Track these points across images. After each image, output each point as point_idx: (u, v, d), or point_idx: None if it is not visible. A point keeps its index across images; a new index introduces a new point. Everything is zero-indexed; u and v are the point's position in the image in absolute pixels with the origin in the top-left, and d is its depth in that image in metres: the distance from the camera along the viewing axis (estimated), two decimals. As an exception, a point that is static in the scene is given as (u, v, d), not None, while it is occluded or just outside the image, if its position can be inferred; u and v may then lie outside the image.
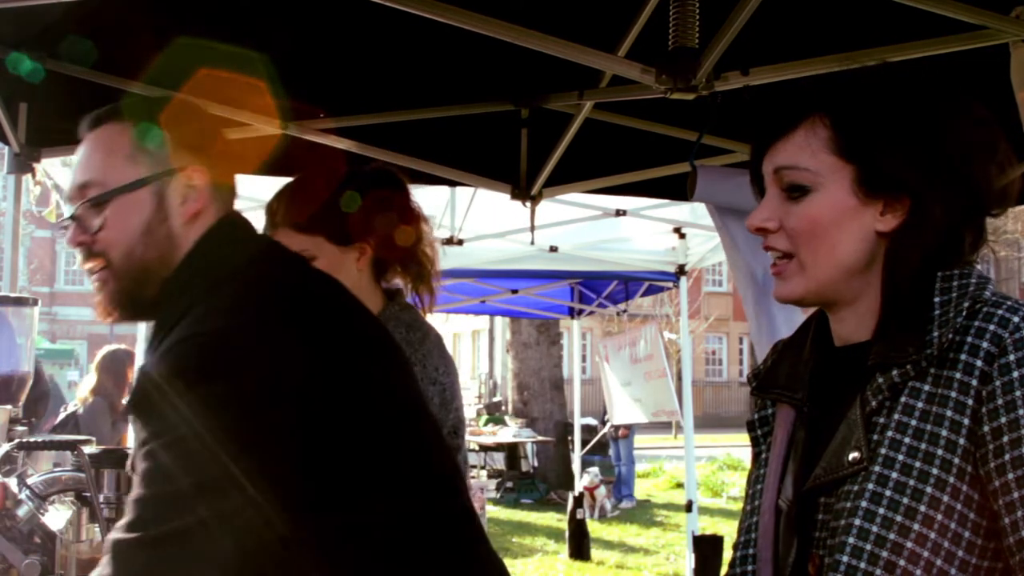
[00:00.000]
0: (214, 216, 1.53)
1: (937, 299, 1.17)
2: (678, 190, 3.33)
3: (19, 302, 2.50)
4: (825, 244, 1.22)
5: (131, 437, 7.28)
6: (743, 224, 3.09)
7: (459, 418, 2.18)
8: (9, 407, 2.28)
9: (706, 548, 5.03)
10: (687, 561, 7.11)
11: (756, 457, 1.38)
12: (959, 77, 1.28)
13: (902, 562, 1.10)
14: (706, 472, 14.43)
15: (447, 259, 6.59)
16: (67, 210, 1.55)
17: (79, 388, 7.76)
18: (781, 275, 1.26)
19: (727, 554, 2.84)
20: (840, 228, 1.21)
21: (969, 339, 1.13)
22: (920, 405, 1.15)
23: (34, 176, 3.50)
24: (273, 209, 2.20)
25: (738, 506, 12.26)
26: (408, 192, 2.26)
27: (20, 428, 2.29)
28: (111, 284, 1.50)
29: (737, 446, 19.02)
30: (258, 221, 2.28)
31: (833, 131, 1.22)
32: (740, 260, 3.15)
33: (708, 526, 9.28)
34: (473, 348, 33.09)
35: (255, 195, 2.67)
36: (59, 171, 4.29)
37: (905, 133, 1.20)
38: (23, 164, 3.38)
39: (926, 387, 1.15)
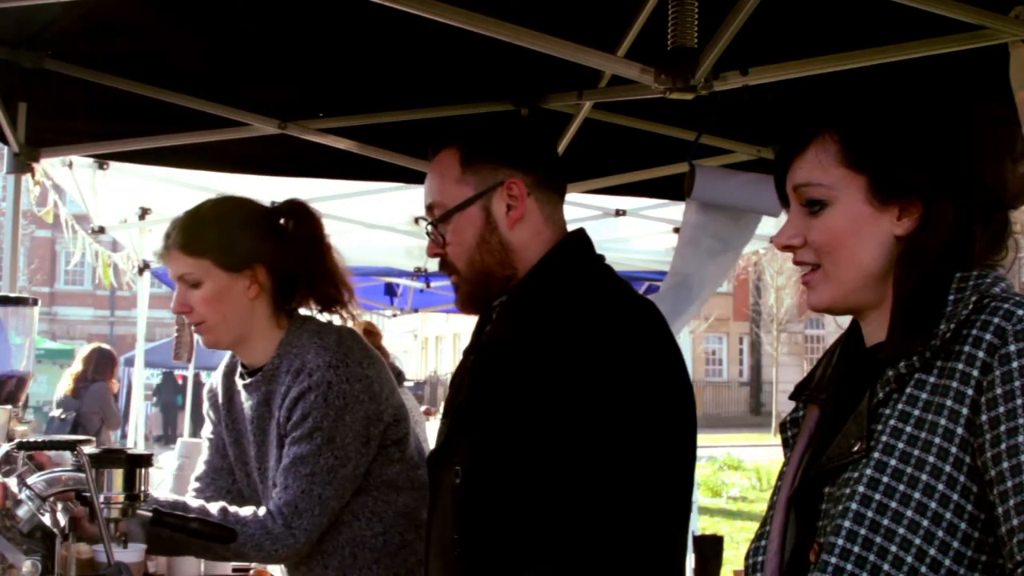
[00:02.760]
0: (539, 216, 1.76)
1: (951, 297, 1.19)
2: (678, 190, 3.33)
3: (19, 302, 2.50)
4: (846, 253, 1.26)
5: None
6: (722, 230, 3.11)
7: (396, 406, 2.20)
8: (9, 407, 2.28)
9: (706, 548, 5.02)
10: (687, 561, 7.10)
11: (786, 458, 1.40)
12: (964, 76, 1.30)
13: (894, 548, 1.12)
14: (706, 472, 14.43)
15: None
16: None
17: (61, 382, 7.78)
18: (809, 285, 1.31)
19: (727, 554, 2.85)
20: (859, 237, 1.26)
21: (974, 331, 1.15)
22: (924, 396, 1.17)
23: (33, 176, 3.50)
24: (168, 233, 2.22)
25: (738, 506, 12.24)
26: (315, 224, 2.26)
27: (20, 428, 2.29)
28: (463, 288, 1.79)
29: (737, 446, 19.01)
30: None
31: (841, 145, 1.26)
32: (687, 263, 3.16)
33: (708, 526, 9.28)
34: (473, 348, 33.01)
35: (254, 195, 2.66)
36: (59, 171, 4.29)
37: (910, 138, 1.23)
38: (23, 164, 3.39)
39: (931, 378, 1.17)
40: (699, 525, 6.55)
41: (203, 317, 2.18)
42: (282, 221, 2.26)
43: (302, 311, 2.28)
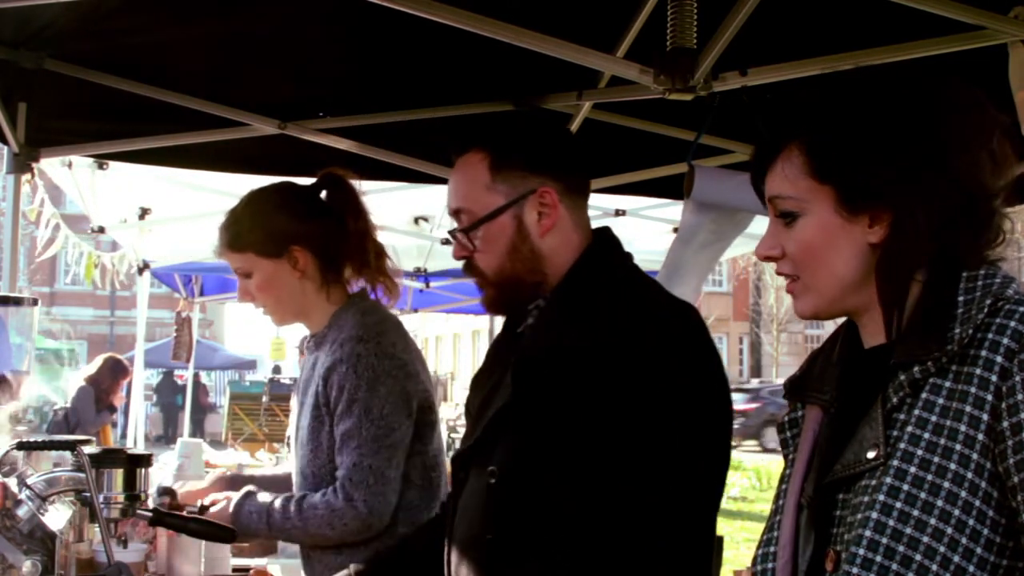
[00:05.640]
0: (568, 222, 1.74)
1: (961, 298, 1.18)
2: (677, 190, 3.34)
3: (19, 302, 2.49)
4: (821, 264, 1.26)
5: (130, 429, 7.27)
6: (717, 226, 3.11)
7: (430, 398, 2.30)
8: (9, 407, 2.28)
9: (706, 548, 5.02)
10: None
11: (786, 459, 1.39)
12: (930, 73, 1.28)
13: (918, 556, 1.11)
14: (706, 472, 14.40)
15: (447, 259, 6.57)
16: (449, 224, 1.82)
17: (76, 376, 7.99)
18: (793, 294, 1.31)
19: (727, 554, 2.85)
20: (832, 247, 1.25)
21: (990, 336, 1.14)
22: (941, 401, 1.15)
23: (33, 176, 3.50)
24: (221, 230, 2.35)
25: (738, 506, 12.25)
26: (348, 191, 2.37)
27: (20, 428, 2.30)
28: (490, 292, 1.77)
29: (737, 446, 19.00)
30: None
31: (806, 157, 1.25)
32: (677, 257, 3.16)
33: (708, 526, 9.26)
34: (473, 348, 33.08)
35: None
36: (58, 171, 4.29)
37: (872, 146, 1.21)
38: (23, 164, 3.39)
39: (947, 383, 1.15)
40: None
41: (262, 303, 2.35)
42: (323, 195, 2.38)
43: (357, 288, 2.40)
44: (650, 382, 1.56)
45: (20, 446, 1.91)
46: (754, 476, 14.07)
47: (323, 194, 2.37)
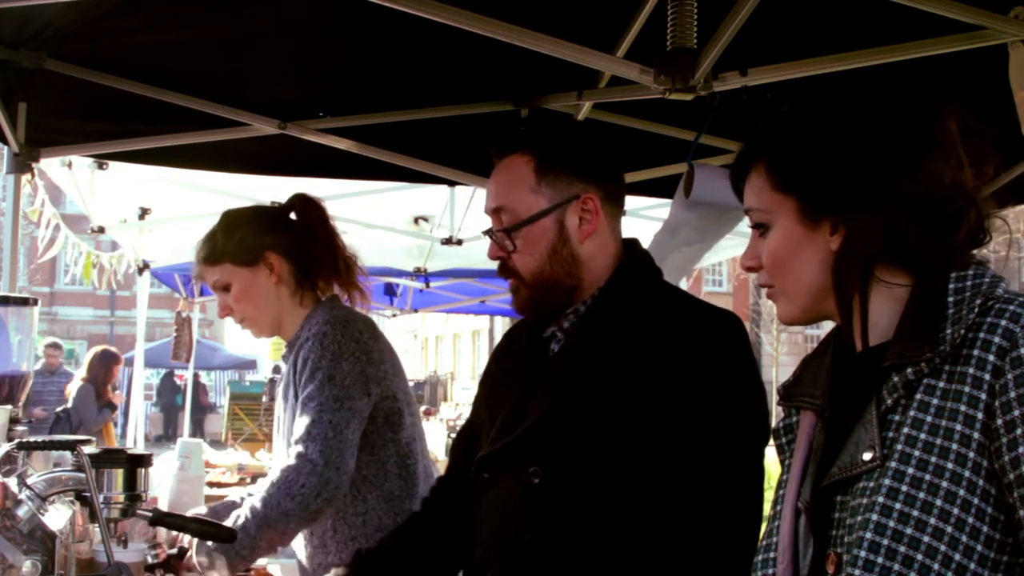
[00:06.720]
0: (607, 229, 1.78)
1: (951, 299, 1.19)
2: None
3: (19, 302, 2.49)
4: (789, 273, 1.31)
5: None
6: (702, 223, 3.11)
7: (397, 387, 2.34)
8: (9, 407, 2.28)
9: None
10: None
11: (782, 465, 1.40)
12: (894, 82, 1.31)
13: (920, 556, 1.11)
14: (706, 472, 14.39)
15: (447, 259, 6.58)
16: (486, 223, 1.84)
17: (72, 381, 8.08)
18: (772, 300, 1.36)
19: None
20: (797, 256, 1.29)
21: (981, 335, 1.15)
22: (935, 402, 1.16)
23: (33, 176, 3.50)
24: (197, 250, 2.42)
25: (738, 506, 12.30)
26: (317, 209, 2.46)
27: (20, 428, 2.30)
28: (525, 293, 1.77)
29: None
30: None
31: (769, 170, 1.30)
32: (658, 248, 3.17)
33: (708, 526, 9.26)
34: (473, 348, 33.08)
35: (254, 195, 2.67)
36: (58, 171, 4.29)
37: (828, 157, 1.25)
38: (23, 164, 3.39)
39: (941, 384, 1.16)
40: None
41: (242, 313, 2.40)
42: (293, 215, 2.45)
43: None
44: (695, 390, 1.60)
45: (20, 446, 1.91)
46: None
47: (292, 215, 2.46)
